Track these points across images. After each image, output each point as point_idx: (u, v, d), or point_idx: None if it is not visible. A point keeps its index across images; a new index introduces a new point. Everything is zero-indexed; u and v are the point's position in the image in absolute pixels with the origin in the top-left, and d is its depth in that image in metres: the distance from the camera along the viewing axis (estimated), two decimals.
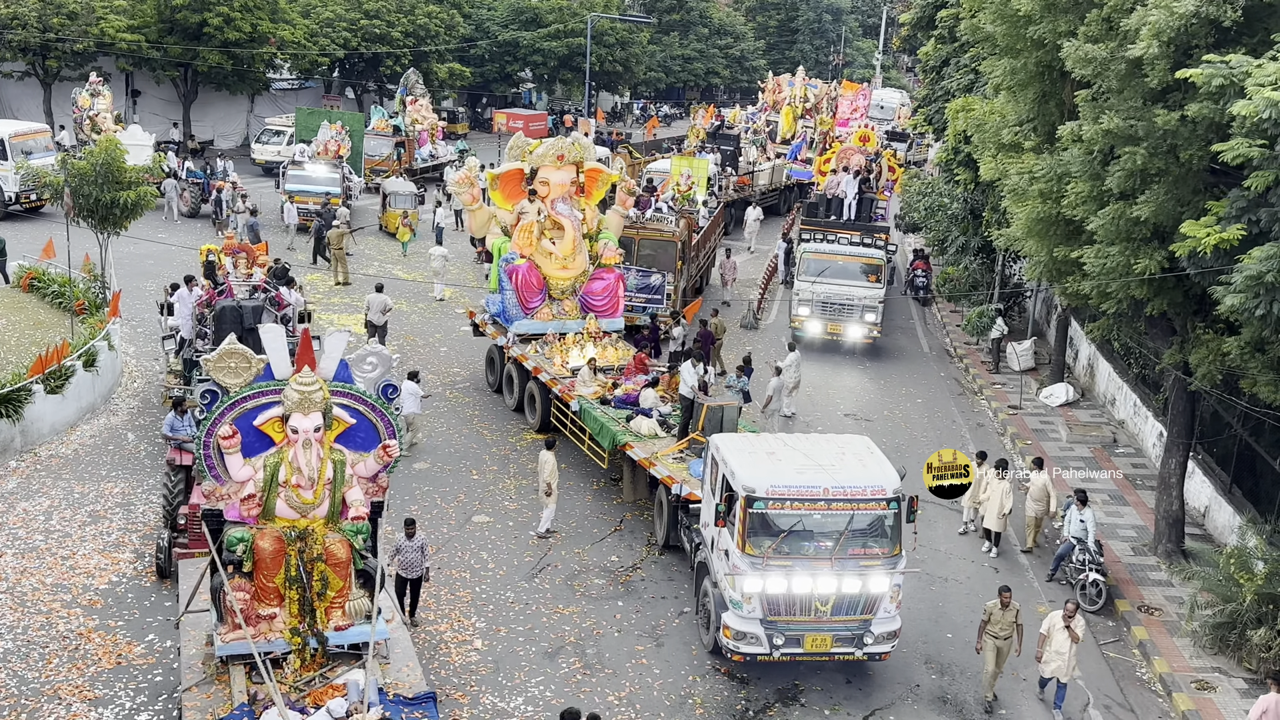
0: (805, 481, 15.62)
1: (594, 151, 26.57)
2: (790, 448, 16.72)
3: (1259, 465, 20.38)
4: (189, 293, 22.67)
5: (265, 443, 13.03)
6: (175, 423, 18.54)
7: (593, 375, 22.99)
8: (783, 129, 56.59)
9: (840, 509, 15.59)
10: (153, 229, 35.38)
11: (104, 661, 15.48)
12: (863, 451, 16.77)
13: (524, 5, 72.17)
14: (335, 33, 59.69)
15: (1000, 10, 19.84)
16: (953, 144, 30.84)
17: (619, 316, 26.12)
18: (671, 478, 19.23)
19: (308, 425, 12.80)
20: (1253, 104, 13.66)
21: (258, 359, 13.01)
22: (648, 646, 16.99)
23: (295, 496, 13.00)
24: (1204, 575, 17.93)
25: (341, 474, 13.11)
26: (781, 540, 15.46)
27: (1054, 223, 18.87)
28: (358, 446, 13.35)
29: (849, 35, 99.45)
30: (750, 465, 15.93)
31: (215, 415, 12.82)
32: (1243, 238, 14.53)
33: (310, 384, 12.81)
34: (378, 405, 13.38)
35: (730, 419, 20.17)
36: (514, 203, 25.55)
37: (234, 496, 13.00)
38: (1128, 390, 26.78)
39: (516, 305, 25.06)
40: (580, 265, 25.59)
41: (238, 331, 21.30)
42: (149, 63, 52.39)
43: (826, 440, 17.40)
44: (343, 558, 13.14)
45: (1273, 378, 15.98)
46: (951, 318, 36.57)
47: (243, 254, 23.89)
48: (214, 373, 12.88)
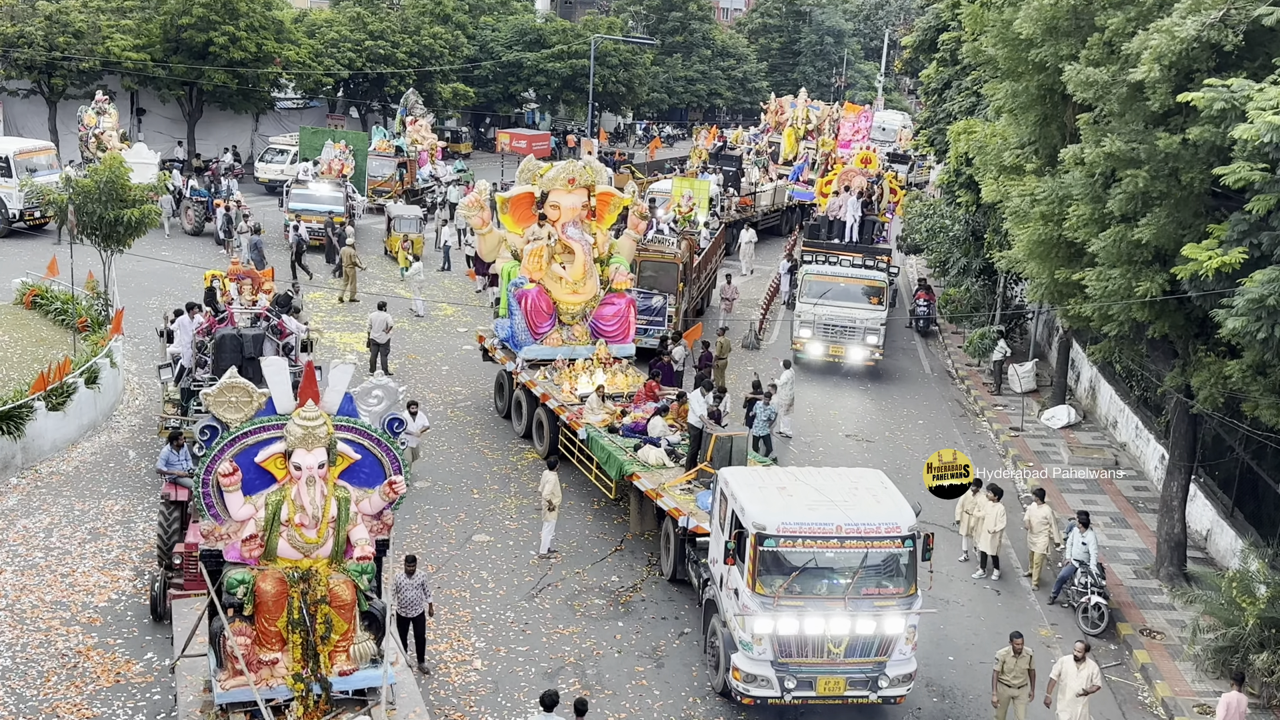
0: (818, 518, 15.17)
1: (606, 175, 26.39)
2: (801, 482, 16.28)
3: (1261, 489, 20.35)
4: (190, 320, 22.28)
5: (266, 480, 12.65)
6: (171, 457, 17.99)
7: (601, 402, 22.72)
8: (785, 150, 56.76)
9: (854, 547, 15.12)
10: (156, 246, 35.46)
11: (103, 679, 15.44)
12: (876, 486, 16.34)
13: (528, 26, 72.48)
14: (340, 53, 59.93)
15: (1002, 34, 19.92)
16: (954, 166, 30.91)
17: (630, 342, 25.82)
18: (679, 510, 18.76)
19: (311, 462, 12.42)
20: (1254, 128, 13.70)
21: (259, 393, 12.65)
22: (648, 668, 16.94)
23: (298, 536, 12.60)
24: (1206, 599, 17.87)
25: (346, 512, 12.73)
26: (793, 579, 15.02)
27: (1055, 245, 18.89)
28: (362, 483, 12.99)
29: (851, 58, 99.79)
30: (761, 501, 15.48)
31: (215, 451, 12.44)
32: (1244, 261, 14.56)
33: (314, 419, 12.44)
34: (383, 440, 13.02)
35: (740, 450, 19.62)
36: (524, 226, 25.29)
37: (234, 536, 12.58)
38: (1129, 413, 26.76)
39: (525, 330, 24.80)
40: (591, 290, 25.35)
41: (237, 361, 20.64)
42: (154, 81, 52.61)
43: (839, 474, 16.94)
44: (347, 599, 12.75)
45: (1275, 401, 15.98)
46: (953, 339, 36.58)
47: (248, 279, 23.48)
48: (214, 407, 12.48)
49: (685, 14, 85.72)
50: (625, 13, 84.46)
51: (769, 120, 62.17)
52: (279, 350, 21.87)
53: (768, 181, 51.07)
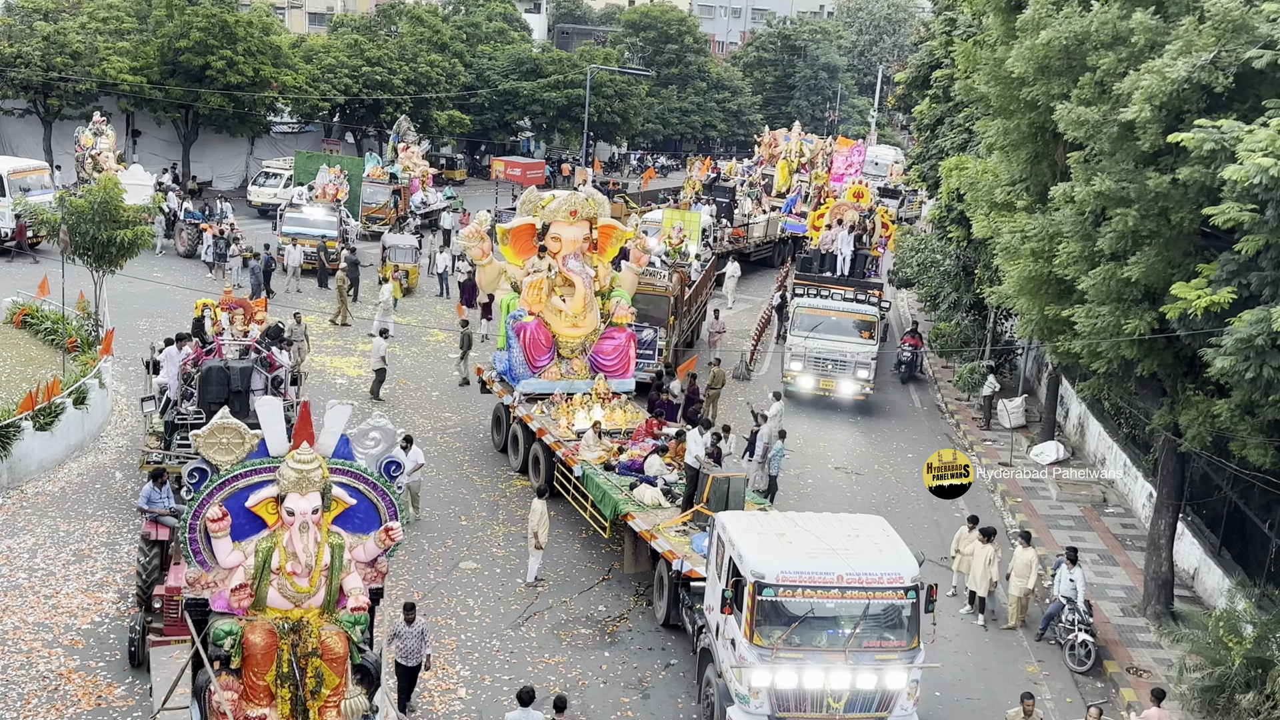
0: (818, 567, 14.72)
1: (607, 207, 26.11)
2: (801, 528, 15.82)
3: (1248, 528, 20.37)
4: (177, 351, 21.94)
5: (256, 525, 12.18)
6: (152, 494, 17.55)
7: (597, 439, 22.27)
8: (778, 182, 56.94)
9: (855, 597, 14.68)
10: (148, 268, 35.46)
11: (83, 703, 15.31)
12: (878, 534, 15.92)
13: (525, 56, 72.88)
14: (337, 78, 60.17)
15: (994, 72, 20.08)
16: (946, 201, 31.07)
17: (630, 377, 25.46)
18: (673, 552, 18.24)
19: (305, 507, 11.94)
20: (1243, 169, 13.82)
21: (251, 434, 12.20)
22: (633, 699, 16.85)
23: (289, 585, 12.09)
24: (1193, 638, 17.85)
25: (339, 559, 12.26)
26: (792, 630, 14.60)
27: (1045, 281, 18.98)
28: (356, 528, 12.54)
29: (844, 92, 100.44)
30: (759, 548, 15.05)
31: (204, 495, 11.96)
32: (1233, 301, 14.65)
33: (309, 462, 11.96)
34: (379, 484, 12.63)
35: (737, 491, 19.09)
36: (525, 258, 25.00)
37: (222, 585, 12.12)
38: (1118, 450, 26.81)
39: (524, 363, 24.46)
40: (591, 324, 25.04)
41: (224, 394, 20.59)
42: (150, 103, 52.72)
43: (839, 520, 16.46)
44: (340, 652, 12.22)
45: (1262, 441, 16.04)
46: (943, 373, 36.65)
47: (240, 309, 23.27)
48: (204, 449, 12.05)
49: (681, 46, 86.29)
50: (621, 44, 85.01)
51: (763, 153, 62.52)
52: (268, 384, 21.51)
53: (761, 213, 51.21)
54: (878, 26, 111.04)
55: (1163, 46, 16.16)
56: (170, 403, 21.56)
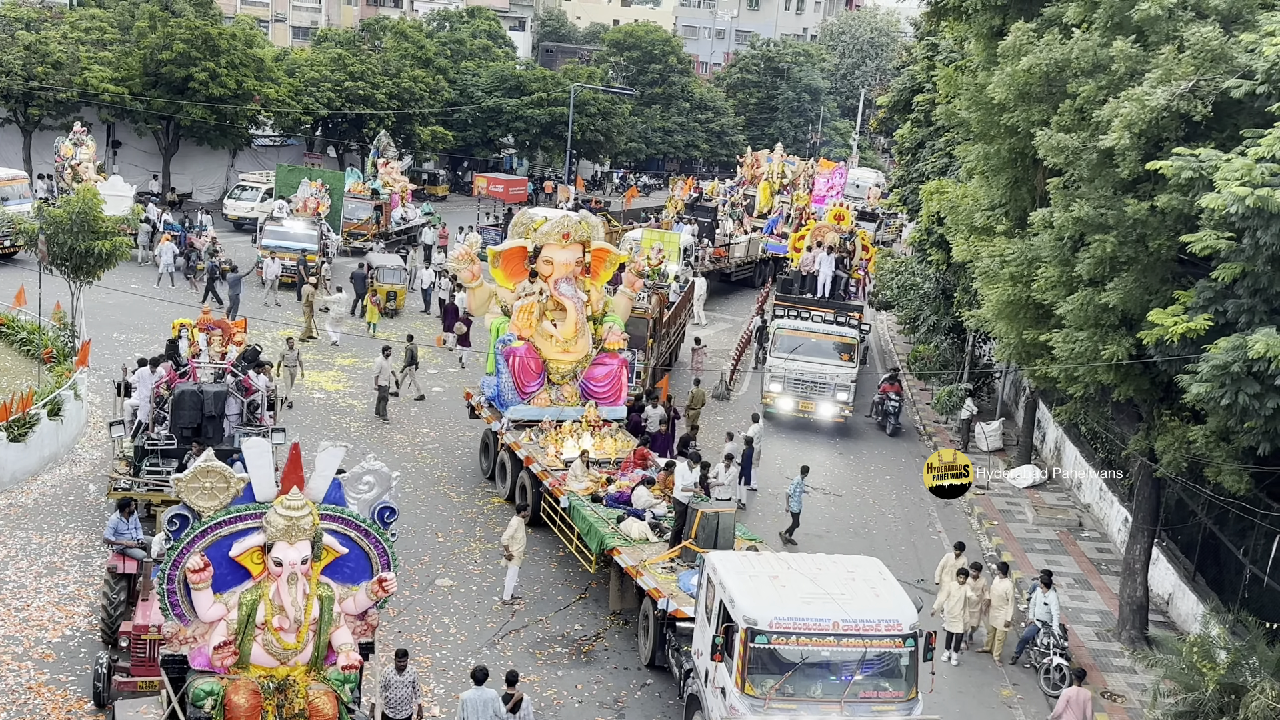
0: (813, 613, 14.10)
1: (601, 230, 25.68)
2: (795, 571, 15.21)
3: (1223, 554, 20.48)
4: (150, 373, 21.30)
5: (239, 575, 11.43)
6: (119, 525, 16.81)
7: (585, 469, 21.73)
8: (760, 203, 57.08)
9: (851, 645, 14.09)
10: (125, 280, 35.25)
11: (53, 717, 15.14)
12: (874, 578, 15.32)
13: (509, 73, 72.99)
14: (320, 92, 60.06)
15: (975, 97, 20.23)
16: (926, 225, 31.26)
17: (621, 404, 24.84)
18: (658, 591, 17.54)
19: (294, 557, 11.20)
20: (1221, 197, 13.95)
21: (237, 478, 11.44)
22: (609, 718, 16.78)
23: (275, 641, 11.34)
24: (1167, 663, 17.87)
25: (329, 613, 11.52)
26: (786, 680, 13.96)
27: (1024, 306, 19.09)
28: (346, 578, 11.86)
29: (827, 115, 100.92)
30: (752, 592, 14.43)
31: (184, 544, 11.21)
32: (1209, 328, 14.77)
33: (299, 508, 11.23)
34: (372, 531, 11.97)
35: (726, 526, 18.49)
36: (516, 281, 24.42)
37: (202, 640, 11.31)
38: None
39: (512, 389, 23.89)
40: (582, 349, 24.45)
41: (197, 420, 20.13)
42: (131, 114, 52.54)
43: (834, 562, 15.79)
44: (328, 714, 11.44)
45: (1237, 467, 16.14)
46: (921, 396, 36.77)
47: (218, 330, 22.66)
48: (186, 494, 11.27)
49: (665, 66, 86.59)
50: (605, 63, 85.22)
51: (744, 173, 62.56)
52: (244, 409, 21.03)
53: (742, 234, 51.39)
54: (860, 50, 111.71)
55: (1142, 75, 16.34)
56: (141, 426, 20.85)
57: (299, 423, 26.49)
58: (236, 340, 22.91)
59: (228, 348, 22.51)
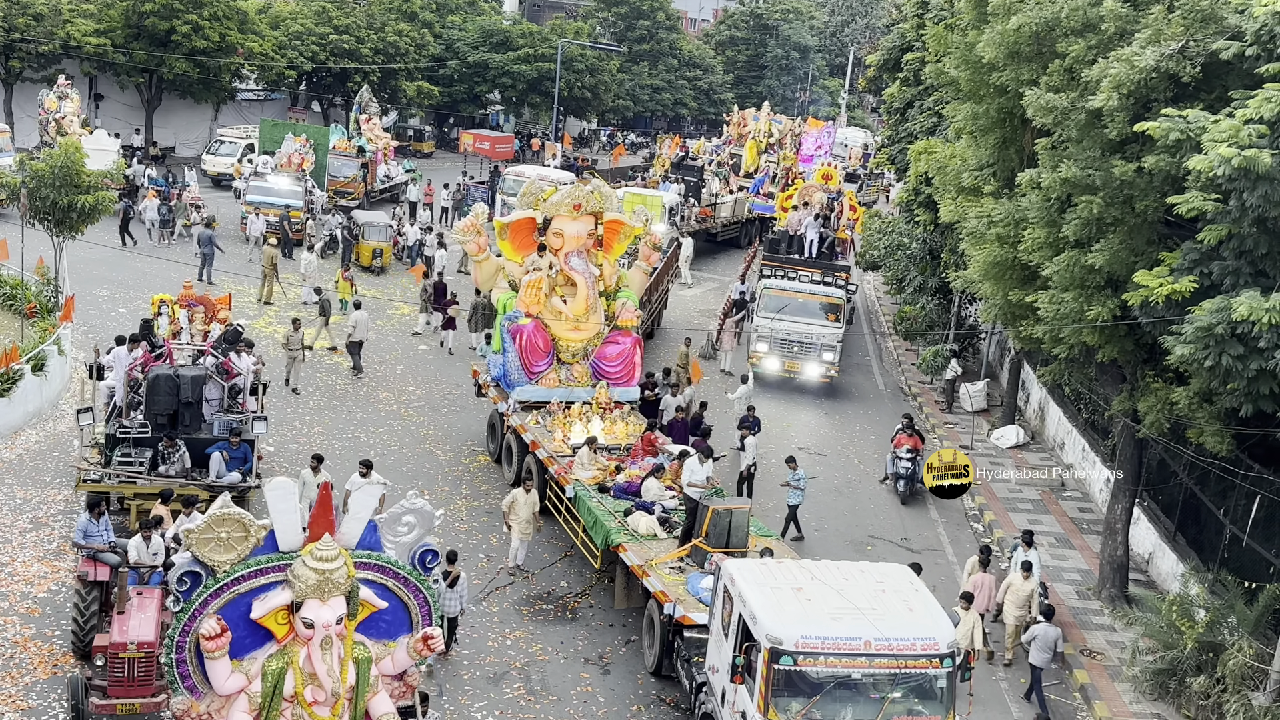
0: (843, 631, 12.89)
1: (615, 201, 24.19)
2: (820, 582, 13.94)
3: (1203, 514, 20.67)
4: (127, 353, 19.72)
5: (260, 637, 10.02)
6: (89, 527, 15.23)
7: (593, 456, 20.55)
8: (746, 162, 56.72)
9: (885, 666, 12.89)
10: (109, 235, 35.01)
11: (39, 671, 15.19)
12: (906, 589, 14.08)
13: (495, 28, 72.33)
14: (304, 46, 59.48)
15: (964, 56, 20.16)
16: (914, 185, 31.21)
17: (634, 385, 23.67)
18: (665, 594, 16.37)
19: (328, 617, 9.76)
20: (1208, 159, 13.95)
21: (258, 525, 10.03)
22: (593, 674, 16.92)
23: (307, 716, 9.85)
24: (1146, 621, 18.12)
25: (366, 678, 10.14)
26: (813, 705, 12.81)
27: (1010, 267, 19.12)
28: (381, 634, 10.51)
29: (816, 73, 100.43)
30: (775, 608, 13.21)
31: (196, 605, 9.79)
32: (1194, 290, 14.82)
33: (331, 559, 9.79)
34: (413, 579, 10.59)
35: (740, 525, 17.48)
36: (525, 254, 23.28)
37: (219, 717, 9.87)
38: (1077, 435, 27.10)
39: (519, 369, 22.74)
40: (594, 327, 23.28)
41: (173, 406, 18.79)
42: (114, 67, 51.97)
43: (860, 571, 14.51)
44: None
45: (1219, 428, 16.25)
46: (907, 356, 36.87)
47: (200, 306, 21.53)
48: (199, 546, 9.84)
49: (653, 23, 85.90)
50: (593, 18, 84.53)
51: (731, 132, 62.04)
52: (224, 394, 19.90)
53: (728, 193, 51.06)
54: (850, 8, 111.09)
55: (1132, 35, 16.29)
56: (115, 410, 19.62)
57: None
58: (220, 317, 21.74)
59: (210, 325, 21.40)
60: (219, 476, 18.66)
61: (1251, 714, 15.64)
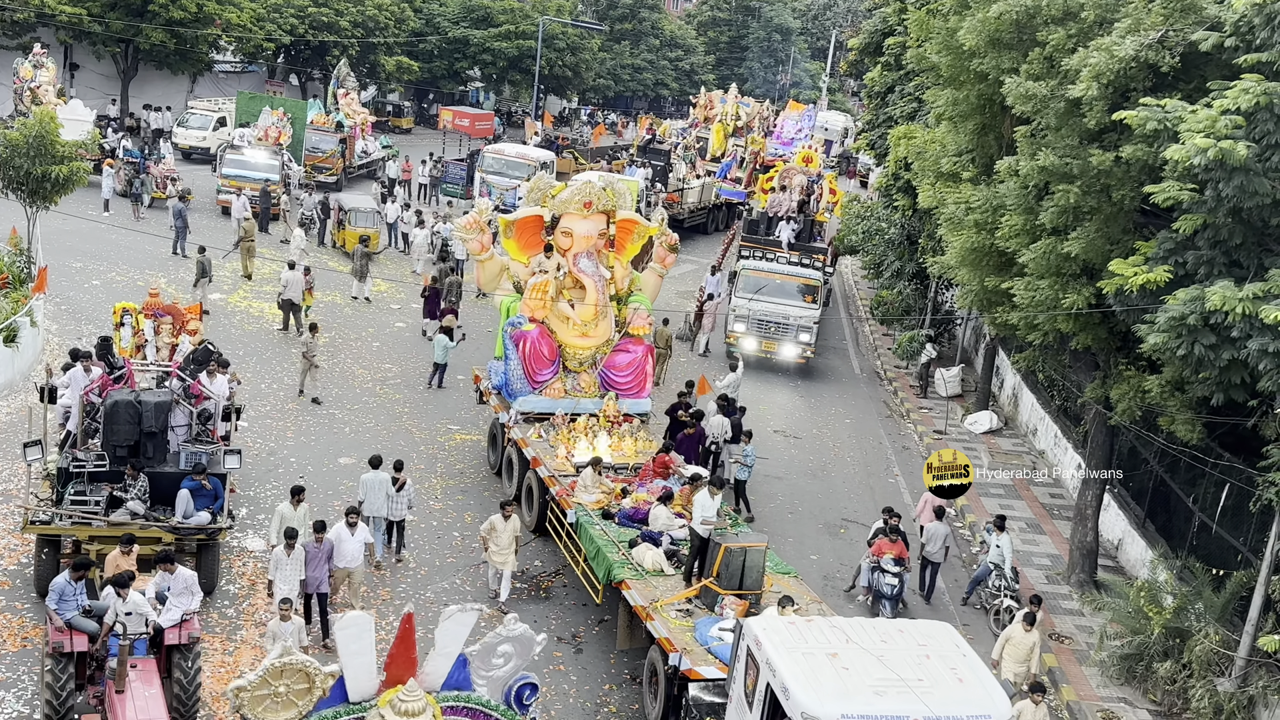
0: (889, 709, 11.28)
1: (629, 199, 22.61)
2: (857, 645, 12.31)
3: (1173, 501, 20.87)
4: (83, 375, 17.79)
5: None
6: (66, 590, 13.16)
7: (597, 479, 18.99)
8: (713, 146, 55.00)
9: None
10: (83, 206, 34.68)
11: (8, 644, 15.12)
12: (952, 654, 12.45)
13: (476, 3, 71.91)
14: (283, 18, 58.98)
15: (946, 42, 20.18)
16: (893, 170, 31.27)
17: (645, 397, 22.23)
18: (670, 642, 14.76)
19: None
20: (1185, 149, 14.02)
21: (324, 674, 8.61)
22: (566, 653, 16.97)
23: None
24: (1114, 607, 18.30)
25: None
26: None
27: (987, 253, 19.21)
28: None
29: (797, 56, 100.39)
30: (810, 679, 11.57)
31: None
32: (1169, 279, 14.91)
33: (417, 712, 8.47)
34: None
35: (754, 565, 15.88)
36: (531, 254, 21.84)
37: None
38: (1049, 421, 27.29)
39: (522, 378, 21.31)
40: (603, 333, 21.86)
41: (134, 436, 16.66)
42: (89, 37, 51.41)
43: (899, 632, 12.88)
44: None
45: (1190, 417, 16.40)
46: (884, 340, 37.01)
47: (167, 317, 20.06)
48: (251, 708, 8.44)
49: (635, 2, 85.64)
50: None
51: (698, 114, 59.87)
52: (192, 420, 17.66)
53: (695, 178, 49.50)
54: None
55: (1112, 24, 16.34)
56: (70, 437, 17.54)
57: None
58: (189, 329, 20.13)
59: (179, 338, 19.79)
60: (186, 517, 16.32)
61: (1216, 699, 15.86)
